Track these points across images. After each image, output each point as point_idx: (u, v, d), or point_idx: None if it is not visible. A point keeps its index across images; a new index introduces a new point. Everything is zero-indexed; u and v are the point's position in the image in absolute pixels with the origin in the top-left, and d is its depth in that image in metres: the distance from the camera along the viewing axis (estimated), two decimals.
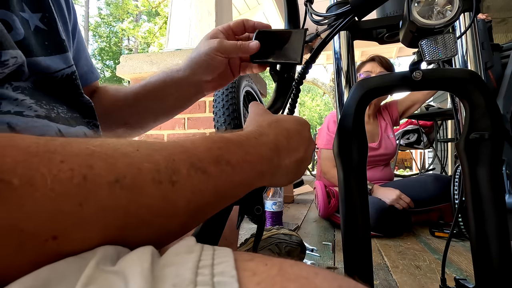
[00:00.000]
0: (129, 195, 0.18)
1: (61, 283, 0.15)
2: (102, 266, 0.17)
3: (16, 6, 0.33)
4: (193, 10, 2.09)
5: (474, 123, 0.38)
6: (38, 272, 0.16)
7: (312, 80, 8.27)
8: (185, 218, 0.22)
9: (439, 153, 2.92)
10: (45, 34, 0.36)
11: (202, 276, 0.16)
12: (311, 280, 0.17)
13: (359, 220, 0.41)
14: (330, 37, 0.43)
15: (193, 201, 0.21)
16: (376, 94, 0.42)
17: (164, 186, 0.20)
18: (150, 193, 0.19)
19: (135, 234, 0.19)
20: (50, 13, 0.37)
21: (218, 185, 0.23)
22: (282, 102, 0.47)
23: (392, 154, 1.71)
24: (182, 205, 0.21)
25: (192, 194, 0.21)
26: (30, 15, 0.34)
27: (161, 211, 0.20)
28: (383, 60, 1.60)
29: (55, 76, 0.36)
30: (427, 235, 1.37)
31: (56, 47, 0.37)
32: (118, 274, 0.16)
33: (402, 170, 8.38)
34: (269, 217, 1.39)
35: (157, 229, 0.20)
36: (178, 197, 0.20)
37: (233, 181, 0.24)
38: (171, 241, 0.22)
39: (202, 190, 0.22)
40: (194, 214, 0.22)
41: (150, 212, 0.19)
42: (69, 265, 0.17)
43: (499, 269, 0.36)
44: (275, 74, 0.48)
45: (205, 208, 0.23)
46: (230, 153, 0.25)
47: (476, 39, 0.60)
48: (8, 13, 0.31)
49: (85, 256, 0.18)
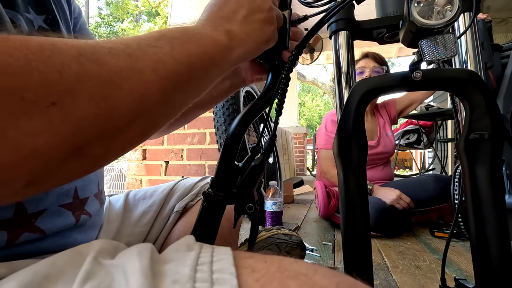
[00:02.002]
0: (94, 64, 0.20)
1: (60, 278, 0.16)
2: (101, 259, 0.17)
3: (22, 7, 0.34)
4: (193, 10, 2.09)
5: (474, 123, 0.38)
6: (36, 266, 0.16)
7: (312, 80, 8.27)
8: (159, 84, 0.24)
9: (439, 153, 2.92)
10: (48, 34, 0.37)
11: (201, 273, 0.16)
12: (310, 277, 0.17)
13: (359, 220, 0.41)
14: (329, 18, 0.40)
15: (158, 69, 0.24)
16: (376, 94, 0.42)
17: (122, 58, 0.22)
18: (112, 63, 0.21)
19: (119, 100, 0.21)
20: (53, 16, 0.38)
21: (174, 55, 0.26)
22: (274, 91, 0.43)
23: (391, 152, 1.70)
24: (149, 71, 0.23)
25: (153, 63, 0.24)
26: (34, 16, 0.36)
27: (131, 77, 0.22)
28: (376, 56, 1.62)
29: None
30: (427, 235, 1.37)
31: None
32: (118, 269, 0.16)
33: (402, 170, 8.38)
34: (269, 217, 1.38)
35: (137, 95, 0.22)
36: (141, 66, 0.23)
37: (187, 49, 0.27)
38: (160, 116, 0.26)
39: (161, 58, 0.24)
40: (167, 83, 0.25)
41: (121, 77, 0.21)
42: (67, 259, 0.17)
43: (499, 269, 0.36)
44: (265, 63, 0.45)
45: (176, 75, 0.25)
46: (170, 31, 0.28)
47: (476, 39, 0.60)
48: (13, 13, 0.32)
49: (83, 250, 0.18)
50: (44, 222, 0.34)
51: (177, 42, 0.27)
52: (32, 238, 0.33)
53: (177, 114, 0.28)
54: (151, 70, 0.23)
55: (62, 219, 0.36)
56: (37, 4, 0.36)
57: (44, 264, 0.16)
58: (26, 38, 0.19)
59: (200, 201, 0.37)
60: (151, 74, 0.23)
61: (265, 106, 0.41)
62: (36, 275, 0.15)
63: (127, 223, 0.55)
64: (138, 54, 0.23)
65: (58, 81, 0.19)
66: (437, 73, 0.40)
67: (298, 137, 5.16)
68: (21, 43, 0.18)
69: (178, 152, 2.05)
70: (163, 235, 0.57)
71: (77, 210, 0.38)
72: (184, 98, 0.28)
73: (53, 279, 0.15)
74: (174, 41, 0.27)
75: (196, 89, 0.30)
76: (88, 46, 0.21)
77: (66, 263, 0.17)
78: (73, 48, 0.20)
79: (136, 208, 0.57)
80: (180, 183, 0.63)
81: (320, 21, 0.40)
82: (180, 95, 0.27)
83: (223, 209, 0.36)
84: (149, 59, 0.24)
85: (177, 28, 0.29)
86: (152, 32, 0.27)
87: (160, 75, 0.24)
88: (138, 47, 0.24)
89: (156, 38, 0.26)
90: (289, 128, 4.82)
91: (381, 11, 0.49)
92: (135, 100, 0.22)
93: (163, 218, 0.57)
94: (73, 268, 0.16)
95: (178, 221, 0.58)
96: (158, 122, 0.26)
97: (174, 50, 0.26)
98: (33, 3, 0.36)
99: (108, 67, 0.21)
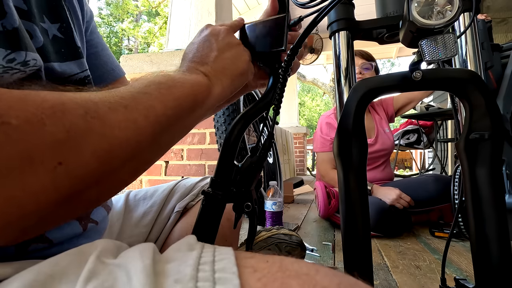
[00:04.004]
0: (97, 121, 0.22)
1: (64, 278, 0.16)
2: (103, 259, 0.17)
3: (37, 17, 0.35)
4: (193, 10, 2.09)
5: (474, 123, 0.38)
6: (40, 267, 0.16)
7: (312, 80, 8.27)
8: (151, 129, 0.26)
9: (439, 153, 2.92)
10: (61, 42, 0.38)
11: (203, 272, 0.16)
12: (312, 276, 0.17)
13: (359, 220, 0.41)
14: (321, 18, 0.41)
15: (149, 116, 0.26)
16: (376, 94, 0.42)
17: (120, 111, 0.24)
18: (112, 118, 0.23)
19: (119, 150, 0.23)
20: (67, 23, 0.39)
21: (163, 100, 0.28)
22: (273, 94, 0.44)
23: (389, 150, 1.69)
24: (142, 119, 0.26)
25: (146, 110, 0.26)
26: (49, 25, 0.37)
27: (128, 128, 0.24)
28: (363, 53, 1.65)
29: (70, 80, 0.38)
30: (427, 235, 1.37)
31: (71, 53, 0.39)
32: (121, 268, 0.16)
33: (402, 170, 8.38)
34: (269, 217, 1.38)
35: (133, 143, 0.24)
36: (136, 116, 0.25)
37: (173, 93, 0.30)
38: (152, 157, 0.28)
39: (151, 105, 0.27)
40: (158, 126, 0.27)
41: (120, 130, 0.23)
42: (71, 259, 0.17)
43: (499, 269, 0.36)
44: (266, 67, 0.46)
45: (165, 119, 0.28)
46: (157, 77, 0.31)
47: (476, 39, 0.60)
48: (29, 24, 0.33)
49: (86, 250, 0.18)
50: (52, 232, 0.34)
51: (164, 87, 0.30)
52: (40, 247, 0.33)
53: (165, 153, 0.31)
54: (144, 117, 0.26)
55: (69, 229, 0.36)
56: (51, 12, 0.37)
57: (48, 264, 0.16)
58: (41, 98, 0.20)
59: (200, 201, 0.37)
60: (144, 121, 0.26)
61: (264, 108, 0.42)
62: (40, 274, 0.15)
63: (128, 224, 0.55)
64: (132, 105, 0.26)
65: (65, 141, 0.20)
66: (437, 73, 0.40)
67: (298, 137, 5.16)
68: (37, 106, 0.19)
69: (178, 152, 2.05)
70: (164, 235, 0.57)
71: (84, 220, 0.39)
72: (171, 138, 0.31)
73: (56, 279, 0.15)
74: (161, 86, 0.30)
75: (182, 129, 0.33)
76: (92, 103, 0.23)
77: (70, 262, 0.17)
78: (80, 107, 0.22)
79: (136, 209, 0.58)
80: (180, 183, 0.63)
81: (312, 22, 0.40)
82: (168, 135, 0.30)
83: (223, 207, 0.36)
84: (142, 107, 0.26)
85: (163, 75, 0.32)
86: (141, 79, 0.30)
87: (152, 121, 0.27)
88: (131, 96, 0.26)
89: (146, 85, 0.29)
90: (289, 128, 4.82)
91: (381, 11, 0.49)
92: (131, 147, 0.24)
93: (163, 218, 0.57)
94: (76, 268, 0.16)
95: (178, 221, 0.58)
96: (148, 161, 0.29)
97: (162, 95, 0.29)
98: (47, 11, 0.36)
99: (110, 122, 0.23)
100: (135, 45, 16.88)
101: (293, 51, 0.41)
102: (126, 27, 15.74)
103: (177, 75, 0.34)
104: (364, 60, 1.62)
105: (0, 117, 0.18)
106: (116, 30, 16.41)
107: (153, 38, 15.05)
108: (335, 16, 0.49)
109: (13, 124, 0.18)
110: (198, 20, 2.08)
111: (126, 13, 15.40)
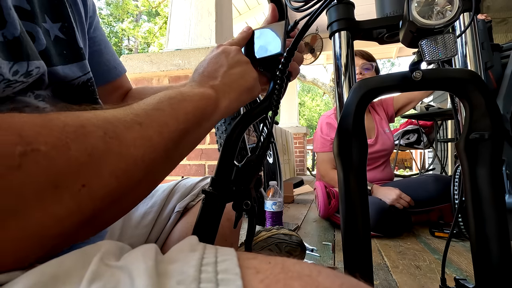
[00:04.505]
0: (115, 141, 0.22)
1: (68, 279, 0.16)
2: (106, 260, 0.17)
3: (40, 17, 0.34)
4: (193, 10, 2.09)
5: (474, 123, 0.38)
6: (44, 267, 0.16)
7: (312, 80, 8.26)
8: (165, 145, 0.27)
9: (439, 153, 2.92)
10: (64, 43, 0.37)
11: (206, 274, 0.16)
12: (314, 278, 0.17)
13: (359, 220, 0.41)
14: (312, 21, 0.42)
15: (163, 132, 0.27)
16: (376, 94, 0.42)
17: (135, 129, 0.25)
18: (128, 136, 0.24)
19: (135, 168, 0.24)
20: (69, 22, 0.38)
21: (176, 115, 0.29)
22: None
23: (389, 150, 1.68)
24: (156, 136, 0.26)
25: (159, 127, 0.27)
26: (50, 25, 0.36)
27: (143, 145, 0.25)
28: (363, 53, 1.64)
29: (72, 84, 0.38)
30: (427, 235, 1.37)
31: (74, 55, 0.39)
32: (123, 270, 0.16)
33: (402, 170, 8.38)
34: (269, 217, 1.38)
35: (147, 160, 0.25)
36: (150, 133, 0.26)
37: (184, 107, 0.31)
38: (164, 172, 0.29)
39: (165, 121, 0.28)
40: (171, 142, 0.28)
41: (136, 148, 0.24)
42: (74, 260, 0.17)
43: (499, 269, 0.36)
44: (267, 72, 0.47)
45: (177, 134, 0.29)
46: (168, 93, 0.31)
47: (476, 39, 0.60)
48: (32, 25, 0.33)
49: (89, 251, 0.18)
50: None
51: (175, 102, 0.31)
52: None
53: (175, 167, 0.32)
54: (158, 134, 0.26)
55: None
56: (53, 11, 0.36)
57: (51, 265, 0.16)
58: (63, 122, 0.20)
59: (201, 201, 0.37)
60: (158, 137, 0.26)
61: (265, 111, 0.43)
62: (43, 275, 0.15)
63: (129, 225, 0.55)
64: (147, 122, 0.26)
65: (88, 163, 0.20)
66: (437, 73, 0.40)
67: (298, 137, 5.16)
68: (61, 130, 0.20)
69: None
70: (164, 235, 0.57)
71: None
72: (181, 153, 0.32)
73: (60, 280, 0.15)
74: (172, 101, 0.30)
75: (191, 142, 0.33)
76: (109, 123, 0.23)
77: (73, 264, 0.17)
78: (99, 129, 0.22)
79: (137, 209, 0.58)
80: (180, 183, 0.63)
81: (305, 25, 0.42)
82: (179, 150, 0.30)
83: (223, 206, 0.37)
84: (156, 124, 0.27)
85: (173, 90, 0.33)
86: (154, 96, 0.31)
87: (165, 137, 0.27)
88: (145, 114, 0.27)
89: (158, 101, 0.29)
90: (289, 128, 4.82)
91: (381, 11, 0.49)
92: (145, 164, 0.25)
93: (163, 218, 0.57)
94: (79, 269, 0.16)
95: (178, 221, 0.58)
96: (161, 177, 0.29)
97: (174, 110, 0.30)
98: (49, 10, 0.36)
99: (126, 141, 0.23)
100: (135, 45, 16.88)
101: (289, 53, 0.42)
102: (126, 27, 15.74)
103: (186, 89, 0.35)
104: (365, 61, 1.62)
105: (30, 144, 0.18)
106: (116, 30, 16.41)
107: (153, 38, 15.04)
108: (335, 16, 0.49)
109: (42, 151, 0.18)
110: (198, 20, 2.08)
111: (126, 13, 15.40)
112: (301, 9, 0.44)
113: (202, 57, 1.84)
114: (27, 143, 0.18)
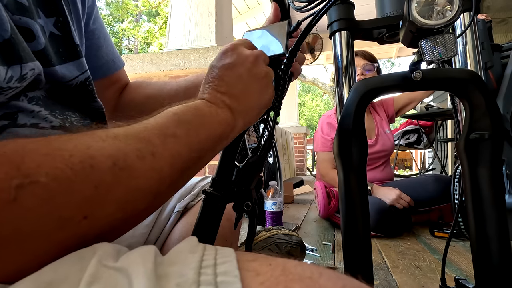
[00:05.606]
0: (125, 172, 0.21)
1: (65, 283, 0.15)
2: (104, 262, 0.17)
3: (35, 13, 0.33)
4: (193, 10, 2.09)
5: (474, 123, 0.38)
6: (40, 274, 0.16)
7: (312, 80, 8.26)
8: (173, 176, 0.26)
9: (439, 153, 2.92)
10: (59, 40, 0.36)
11: (205, 276, 0.16)
12: (315, 280, 0.17)
13: (359, 220, 0.41)
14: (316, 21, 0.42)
15: (175, 163, 0.26)
16: (376, 94, 0.42)
17: (147, 160, 0.23)
18: (139, 168, 0.22)
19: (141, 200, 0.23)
20: (64, 17, 0.36)
21: (190, 143, 0.27)
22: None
23: (390, 150, 1.68)
24: (167, 168, 0.25)
25: (172, 158, 0.25)
26: (45, 21, 0.34)
27: (152, 178, 0.23)
28: (365, 53, 1.63)
29: (69, 84, 0.36)
30: (427, 235, 1.37)
31: (70, 53, 0.37)
32: (122, 272, 0.16)
33: (402, 170, 8.38)
34: (269, 217, 1.38)
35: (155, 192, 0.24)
36: (162, 164, 0.24)
37: (200, 134, 0.29)
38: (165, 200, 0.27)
39: (179, 151, 0.26)
40: (180, 172, 0.26)
41: (145, 180, 0.23)
42: (70, 265, 0.17)
43: (499, 269, 0.36)
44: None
45: (187, 164, 0.27)
46: (185, 115, 0.29)
47: (476, 39, 0.60)
48: (30, 21, 0.31)
49: (85, 255, 0.18)
50: None
51: (193, 128, 0.29)
52: None
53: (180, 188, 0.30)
54: (169, 165, 0.25)
55: None
56: (46, 4, 0.34)
57: (48, 271, 0.16)
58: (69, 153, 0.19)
59: (201, 201, 0.37)
60: (169, 169, 0.25)
61: (266, 112, 0.42)
62: (40, 282, 0.15)
63: None
64: (160, 152, 0.24)
65: (93, 196, 0.19)
66: (437, 73, 0.40)
67: (298, 137, 5.16)
68: (65, 161, 0.19)
69: None
70: (164, 235, 0.57)
71: None
72: (188, 177, 0.30)
73: (57, 285, 0.15)
74: (190, 127, 0.28)
75: (202, 165, 0.31)
76: (121, 151, 0.22)
77: (70, 268, 0.17)
78: (108, 159, 0.21)
79: None
80: None
81: (308, 26, 0.42)
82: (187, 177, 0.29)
83: (223, 207, 0.37)
84: (169, 155, 0.25)
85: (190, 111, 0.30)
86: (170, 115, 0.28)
87: (176, 168, 0.26)
88: (160, 142, 0.25)
89: (176, 125, 0.27)
90: (289, 128, 4.82)
91: (381, 11, 0.49)
92: (152, 195, 0.24)
93: (163, 218, 0.57)
94: (77, 272, 0.16)
95: (178, 221, 0.58)
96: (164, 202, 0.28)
97: (189, 137, 0.28)
98: (42, 3, 0.34)
99: (136, 173, 0.22)
100: (135, 45, 16.88)
101: (292, 54, 0.42)
102: (126, 27, 15.74)
103: (206, 109, 0.32)
104: (366, 61, 1.61)
105: (29, 177, 0.17)
106: (116, 30, 16.41)
107: (153, 38, 15.04)
108: (335, 16, 0.49)
109: (41, 182, 0.17)
110: (198, 20, 2.08)
111: (126, 13, 15.40)
112: (304, 9, 0.44)
113: (202, 57, 1.84)
114: (25, 176, 0.17)
